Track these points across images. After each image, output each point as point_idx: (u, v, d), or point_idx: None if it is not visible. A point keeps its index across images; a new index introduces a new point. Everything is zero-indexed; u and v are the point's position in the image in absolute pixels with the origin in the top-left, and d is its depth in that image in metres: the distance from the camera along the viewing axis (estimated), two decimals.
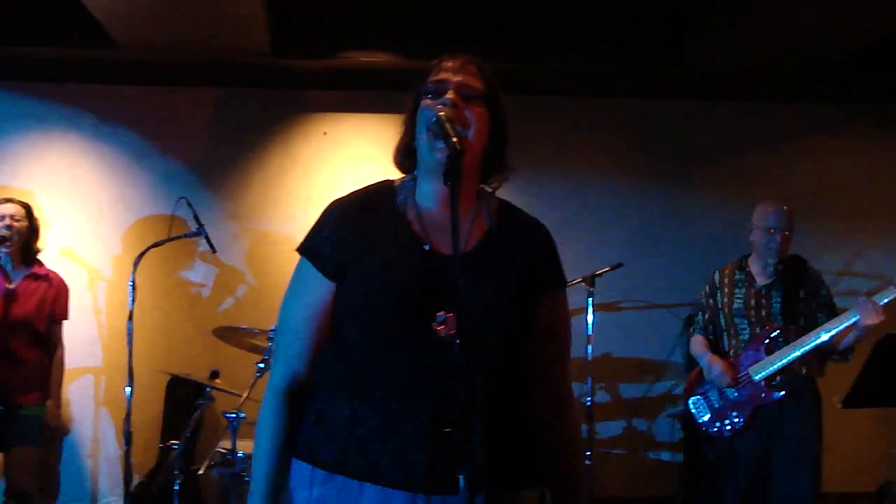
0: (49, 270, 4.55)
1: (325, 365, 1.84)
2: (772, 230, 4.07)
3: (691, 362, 5.05)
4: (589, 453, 4.83)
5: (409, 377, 1.70)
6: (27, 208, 4.45)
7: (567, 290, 5.01)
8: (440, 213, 1.82)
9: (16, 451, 4.33)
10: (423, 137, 1.78)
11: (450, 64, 1.83)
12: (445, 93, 1.78)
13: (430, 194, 1.84)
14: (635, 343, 5.63)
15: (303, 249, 1.87)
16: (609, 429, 5.59)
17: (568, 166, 5.70)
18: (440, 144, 1.71)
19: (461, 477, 1.49)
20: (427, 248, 1.78)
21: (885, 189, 5.87)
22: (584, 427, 4.87)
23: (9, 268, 4.38)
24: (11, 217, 4.35)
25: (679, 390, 5.51)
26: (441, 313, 1.69)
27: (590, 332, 4.89)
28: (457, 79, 1.80)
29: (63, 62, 5.24)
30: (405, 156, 1.90)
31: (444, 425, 1.64)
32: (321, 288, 1.81)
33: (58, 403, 4.51)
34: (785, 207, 4.11)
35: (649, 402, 5.62)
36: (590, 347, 4.89)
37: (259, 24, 4.60)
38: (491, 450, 1.67)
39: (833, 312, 4.05)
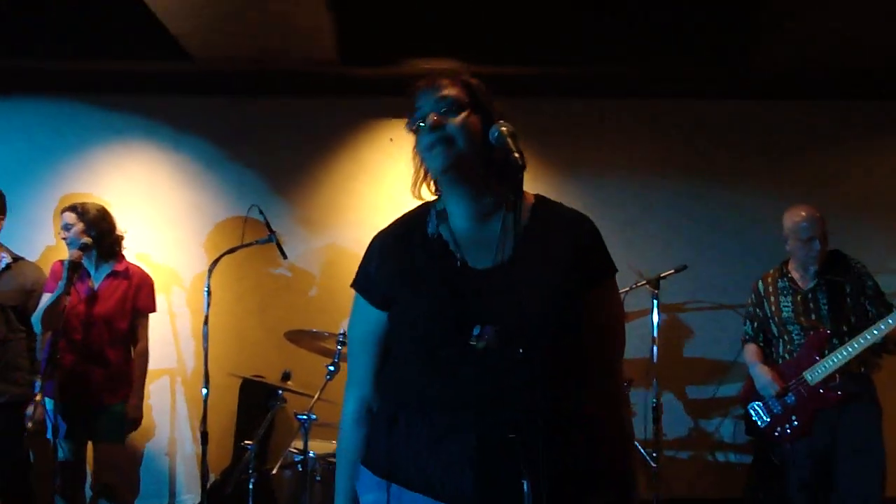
0: (130, 265, 4.62)
1: (384, 382, 1.93)
2: (809, 239, 4.05)
3: None
4: (655, 454, 4.84)
5: (452, 392, 1.75)
6: (77, 211, 4.46)
7: (631, 290, 4.98)
8: (474, 228, 1.87)
9: (102, 446, 4.49)
10: (426, 157, 1.87)
11: (422, 85, 1.89)
12: (426, 118, 1.84)
13: (460, 214, 1.89)
14: (701, 344, 5.61)
15: (355, 285, 1.99)
16: (676, 430, 5.57)
17: (632, 168, 5.68)
18: (436, 151, 1.81)
19: (525, 483, 1.53)
20: (459, 263, 1.83)
21: None
22: (650, 428, 4.89)
23: (92, 270, 4.51)
24: (64, 227, 4.44)
25: None
26: (477, 326, 1.70)
27: (655, 333, 4.88)
28: (431, 98, 1.85)
29: (142, 76, 5.43)
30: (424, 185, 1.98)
31: (494, 437, 1.68)
32: (372, 317, 1.93)
33: (139, 396, 4.57)
34: (816, 213, 4.09)
35: (716, 403, 5.57)
36: (655, 349, 4.90)
37: (327, 35, 4.71)
38: (553, 459, 1.68)
39: (883, 301, 4.04)
